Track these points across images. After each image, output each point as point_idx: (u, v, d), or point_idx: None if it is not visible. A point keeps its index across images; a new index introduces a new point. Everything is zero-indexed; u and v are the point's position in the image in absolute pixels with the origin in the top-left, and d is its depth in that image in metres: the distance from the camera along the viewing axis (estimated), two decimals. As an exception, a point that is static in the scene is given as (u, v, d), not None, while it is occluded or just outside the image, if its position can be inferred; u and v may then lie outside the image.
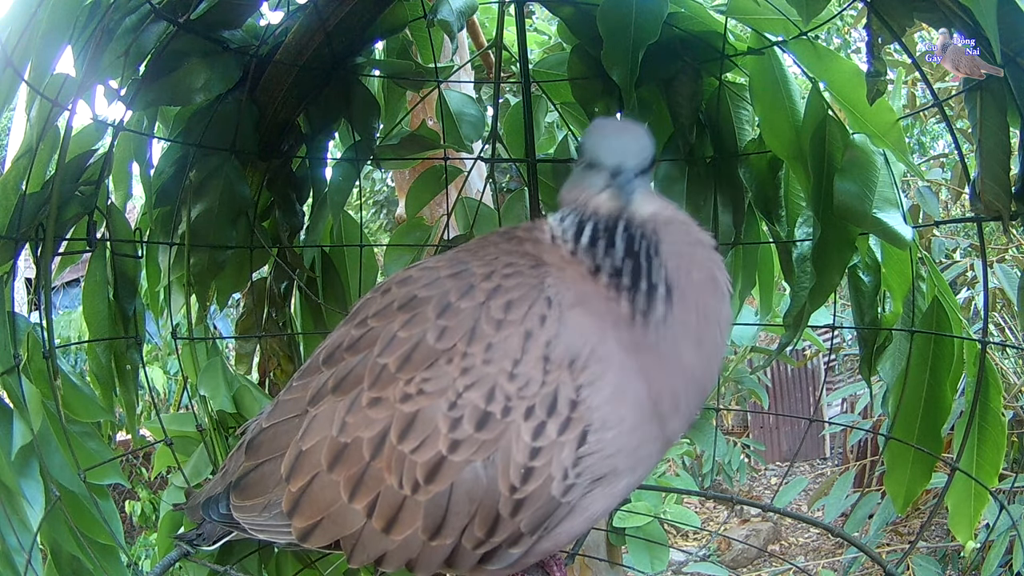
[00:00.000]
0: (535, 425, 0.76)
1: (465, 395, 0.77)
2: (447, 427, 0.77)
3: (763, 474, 7.91)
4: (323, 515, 0.85)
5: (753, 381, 3.75)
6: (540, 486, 0.76)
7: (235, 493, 0.94)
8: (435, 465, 0.78)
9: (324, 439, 0.84)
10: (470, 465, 0.77)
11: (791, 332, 1.43)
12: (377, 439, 0.81)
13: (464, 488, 0.78)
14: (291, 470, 0.87)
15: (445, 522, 0.79)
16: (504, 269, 0.83)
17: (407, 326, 0.82)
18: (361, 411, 0.82)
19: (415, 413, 0.79)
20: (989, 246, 3.89)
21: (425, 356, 0.80)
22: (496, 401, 0.76)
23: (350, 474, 0.82)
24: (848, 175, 1.27)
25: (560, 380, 0.76)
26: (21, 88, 1.11)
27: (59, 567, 1.23)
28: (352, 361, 0.85)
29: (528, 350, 0.77)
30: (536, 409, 0.76)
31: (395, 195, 5.24)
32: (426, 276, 0.86)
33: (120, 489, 4.89)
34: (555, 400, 0.76)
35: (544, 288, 0.80)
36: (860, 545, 1.46)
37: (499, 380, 0.77)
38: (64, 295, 5.75)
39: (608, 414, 0.77)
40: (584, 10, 1.45)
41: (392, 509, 0.80)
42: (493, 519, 0.78)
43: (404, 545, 0.81)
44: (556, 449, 0.76)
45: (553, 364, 0.76)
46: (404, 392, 0.79)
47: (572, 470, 0.77)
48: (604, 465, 0.78)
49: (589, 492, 0.79)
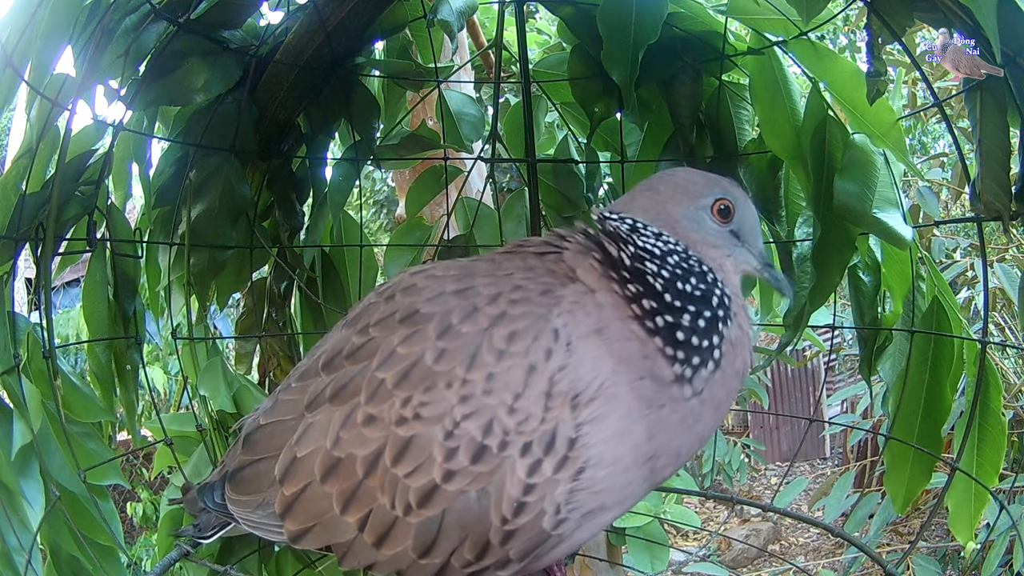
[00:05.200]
0: (531, 462, 0.75)
1: (463, 425, 0.76)
2: (442, 456, 0.76)
3: (763, 474, 7.91)
4: (315, 522, 0.85)
5: (753, 381, 3.76)
6: (532, 520, 0.76)
7: (230, 485, 0.94)
8: (428, 492, 0.77)
9: (319, 449, 0.84)
10: (463, 495, 0.77)
11: (791, 332, 1.43)
12: (371, 458, 0.80)
13: (456, 515, 0.77)
14: (285, 474, 0.87)
15: (435, 544, 0.79)
16: (512, 294, 0.81)
17: (407, 342, 0.81)
18: (356, 427, 0.81)
19: (411, 438, 0.78)
20: (989, 246, 3.89)
21: (423, 376, 0.79)
22: (494, 435, 0.75)
23: (343, 488, 0.82)
24: (848, 175, 1.27)
25: (560, 418, 0.75)
26: (21, 88, 1.11)
27: (58, 568, 1.23)
28: (351, 371, 0.84)
29: (531, 384, 0.75)
30: (534, 446, 0.75)
31: (395, 195, 5.24)
32: (431, 288, 0.85)
33: (121, 490, 4.89)
34: (553, 438, 0.75)
35: (550, 319, 0.78)
36: (860, 545, 1.46)
37: (498, 413, 0.75)
38: (64, 295, 5.75)
39: (605, 453, 0.76)
40: (584, 10, 1.45)
41: (383, 527, 0.80)
42: (483, 545, 0.78)
43: (394, 559, 0.81)
44: (550, 486, 0.75)
45: (555, 400, 0.75)
46: (400, 415, 0.79)
47: (565, 507, 0.76)
48: (594, 501, 0.78)
49: (579, 526, 0.79)
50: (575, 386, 0.75)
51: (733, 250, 0.90)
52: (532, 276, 0.84)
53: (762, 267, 0.92)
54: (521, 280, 0.83)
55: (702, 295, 0.83)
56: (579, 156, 1.66)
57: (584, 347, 0.77)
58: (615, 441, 0.76)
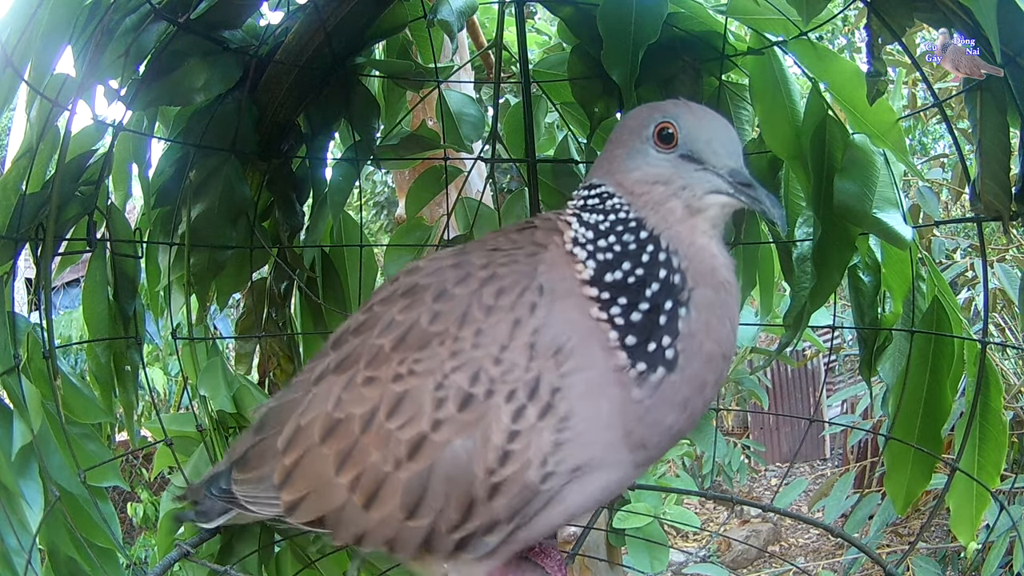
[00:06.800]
0: (515, 408, 0.75)
1: (451, 376, 0.78)
2: (432, 407, 0.78)
3: (763, 475, 7.91)
4: (310, 489, 0.86)
5: (753, 382, 3.76)
6: (518, 470, 0.76)
7: (237, 468, 0.96)
8: (417, 443, 0.78)
9: (320, 414, 0.86)
10: (450, 445, 0.77)
11: (791, 332, 1.43)
12: (368, 415, 0.82)
13: (443, 468, 0.78)
14: (288, 443, 0.89)
15: (422, 501, 0.79)
16: (501, 259, 0.82)
17: (405, 310, 0.83)
18: (356, 388, 0.83)
19: (404, 392, 0.80)
20: (989, 246, 3.89)
21: (419, 338, 0.81)
22: (480, 383, 0.76)
23: (340, 448, 0.84)
24: (848, 175, 1.27)
25: (544, 367, 0.75)
26: (21, 88, 1.11)
27: (56, 569, 1.22)
28: (355, 342, 0.86)
29: (516, 336, 0.76)
30: (518, 392, 0.75)
31: (395, 195, 5.24)
32: (431, 266, 0.87)
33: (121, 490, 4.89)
34: (537, 386, 0.75)
35: (537, 275, 0.79)
36: (860, 546, 1.46)
37: (484, 364, 0.77)
38: (64, 295, 5.75)
39: (584, 405, 0.76)
40: (584, 10, 1.45)
41: (374, 485, 0.81)
42: (469, 501, 0.78)
43: (382, 523, 0.82)
44: (535, 434, 0.75)
45: (539, 351, 0.76)
46: (396, 372, 0.81)
47: (551, 457, 0.76)
48: (580, 454, 0.77)
49: (567, 483, 0.78)
50: (556, 339, 0.76)
51: (689, 178, 0.80)
52: (518, 244, 0.85)
53: (735, 188, 0.79)
54: (511, 248, 0.84)
55: (638, 282, 0.78)
56: (579, 156, 1.66)
57: (562, 306, 0.77)
58: (594, 394, 0.76)
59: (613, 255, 0.80)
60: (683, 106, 0.82)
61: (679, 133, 0.80)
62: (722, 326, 0.79)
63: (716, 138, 0.80)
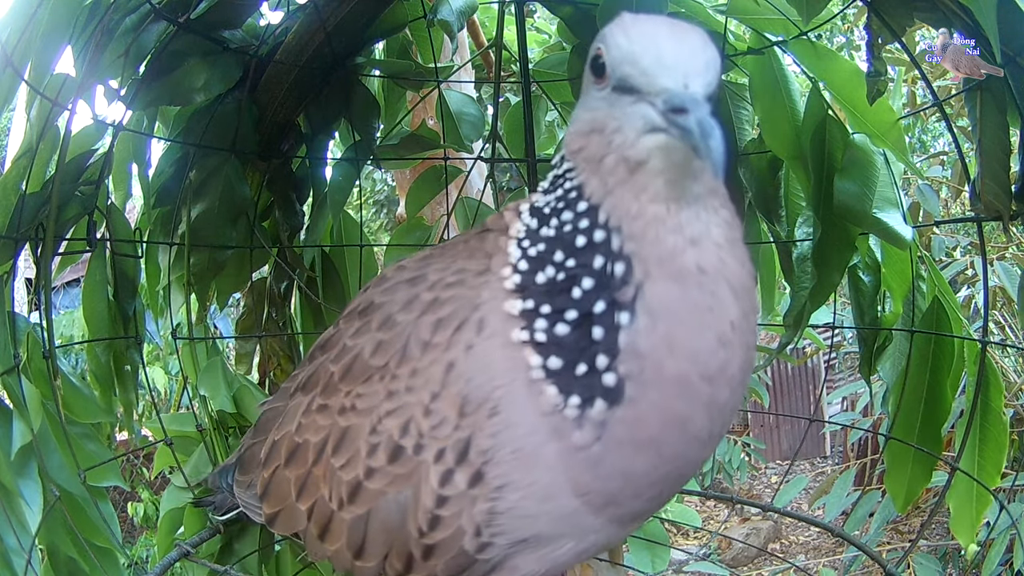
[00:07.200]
0: (444, 471, 0.65)
1: (384, 422, 0.70)
2: (366, 452, 0.72)
3: (763, 473, 7.91)
4: (281, 507, 0.85)
5: (753, 380, 3.75)
6: (450, 537, 0.67)
7: (238, 467, 0.97)
8: (355, 487, 0.73)
9: (286, 435, 0.85)
10: (384, 496, 0.71)
11: (791, 332, 1.43)
12: (319, 446, 0.78)
13: (380, 517, 0.72)
14: (266, 456, 0.88)
15: (365, 546, 0.74)
16: (450, 276, 0.70)
17: (356, 335, 0.77)
18: (311, 414, 0.81)
19: (347, 428, 0.75)
20: (989, 244, 3.89)
21: (362, 370, 0.75)
22: (410, 435, 0.68)
23: (298, 474, 0.81)
24: (848, 175, 1.27)
25: (475, 425, 0.63)
26: (21, 88, 1.11)
27: (56, 569, 1.23)
28: (319, 360, 0.83)
29: (447, 384, 0.65)
30: (447, 454, 0.65)
31: (395, 195, 5.24)
32: (393, 278, 0.78)
33: (122, 490, 4.89)
34: (467, 448, 0.64)
35: (479, 304, 0.66)
36: (860, 545, 1.46)
37: (415, 412, 0.67)
38: (64, 295, 5.75)
39: (514, 473, 0.63)
40: (584, 10, 1.45)
41: (324, 519, 0.78)
42: (407, 556, 0.71)
43: (336, 556, 0.78)
44: (466, 501, 0.65)
45: (470, 405, 0.64)
46: (342, 404, 0.76)
47: (486, 528, 0.65)
48: (523, 528, 0.66)
49: (516, 553, 0.68)
50: (488, 390, 0.63)
51: (623, 118, 0.58)
52: (473, 254, 0.72)
53: (666, 120, 0.55)
54: (464, 259, 0.72)
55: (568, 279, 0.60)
56: (579, 156, 1.66)
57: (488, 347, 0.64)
58: (525, 460, 0.62)
59: (546, 245, 0.63)
60: (617, 24, 0.60)
61: (606, 57, 0.59)
62: (699, 335, 0.58)
63: (648, 51, 0.56)
